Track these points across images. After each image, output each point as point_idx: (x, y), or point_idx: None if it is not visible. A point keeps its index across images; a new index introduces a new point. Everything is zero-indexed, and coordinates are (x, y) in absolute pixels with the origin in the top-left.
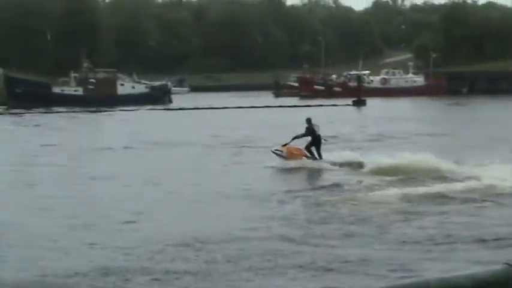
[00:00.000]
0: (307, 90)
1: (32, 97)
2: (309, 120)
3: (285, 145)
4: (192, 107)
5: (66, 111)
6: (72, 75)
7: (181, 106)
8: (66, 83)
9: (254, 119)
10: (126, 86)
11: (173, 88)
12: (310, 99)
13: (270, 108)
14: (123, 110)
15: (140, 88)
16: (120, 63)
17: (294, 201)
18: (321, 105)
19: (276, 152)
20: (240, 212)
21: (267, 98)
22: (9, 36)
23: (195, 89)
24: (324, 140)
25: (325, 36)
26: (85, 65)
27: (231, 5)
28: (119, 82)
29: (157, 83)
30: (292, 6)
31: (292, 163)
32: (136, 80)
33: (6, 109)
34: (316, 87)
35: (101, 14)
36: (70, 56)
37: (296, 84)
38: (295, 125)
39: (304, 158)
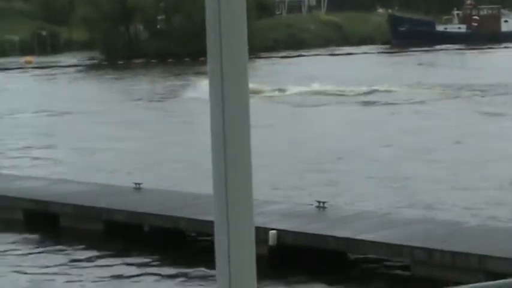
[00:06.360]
0: None
1: (415, 35)
2: None
3: None
4: None
5: (451, 49)
6: (455, 12)
7: None
8: (449, 21)
9: None
10: (510, 23)
11: None
12: None
13: None
14: (507, 48)
15: None
16: None
17: None
18: None
19: None
20: None
21: None
22: None
23: None
24: None
25: None
26: (468, 1)
27: None
28: (502, 19)
29: None
30: None
31: None
32: None
33: (389, 47)
34: None
35: None
36: None
37: None
38: None
39: None
